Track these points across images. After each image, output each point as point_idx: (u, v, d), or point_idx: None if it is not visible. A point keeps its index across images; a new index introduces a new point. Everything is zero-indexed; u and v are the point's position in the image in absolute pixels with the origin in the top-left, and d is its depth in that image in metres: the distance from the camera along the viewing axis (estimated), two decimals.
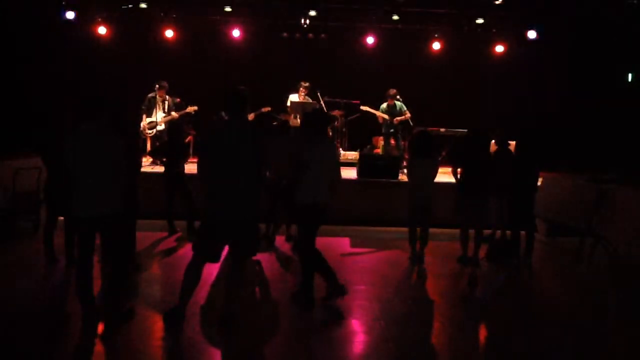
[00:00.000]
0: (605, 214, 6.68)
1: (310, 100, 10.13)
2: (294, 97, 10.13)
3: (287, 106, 10.19)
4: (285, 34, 11.52)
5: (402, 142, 10.05)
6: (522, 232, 6.64)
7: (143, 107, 9.71)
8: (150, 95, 9.74)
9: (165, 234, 7.40)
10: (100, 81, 10.75)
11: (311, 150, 4.83)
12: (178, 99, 10.17)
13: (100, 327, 4.26)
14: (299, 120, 9.57)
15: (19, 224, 7.13)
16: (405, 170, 8.41)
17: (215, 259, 4.33)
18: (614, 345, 4.50)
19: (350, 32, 11.56)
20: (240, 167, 4.11)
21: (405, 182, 7.37)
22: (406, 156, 9.37)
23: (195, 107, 9.85)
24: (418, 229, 6.47)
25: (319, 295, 4.92)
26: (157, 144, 9.46)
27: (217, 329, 4.31)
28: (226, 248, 4.36)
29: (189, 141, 10.14)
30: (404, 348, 4.26)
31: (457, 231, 6.60)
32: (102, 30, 11.14)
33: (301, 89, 10.02)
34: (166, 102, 9.75)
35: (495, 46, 11.81)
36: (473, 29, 11.37)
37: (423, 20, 11.22)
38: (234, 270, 4.39)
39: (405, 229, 6.59)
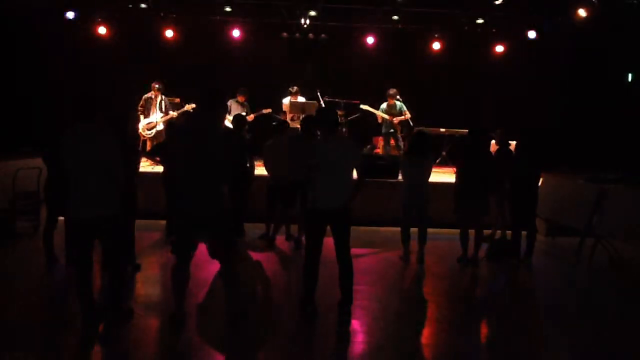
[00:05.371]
0: (605, 214, 6.67)
1: (307, 101, 10.16)
2: (286, 100, 10.18)
3: (282, 109, 10.22)
4: (285, 34, 11.52)
5: (402, 142, 10.05)
6: (523, 232, 6.64)
7: (140, 108, 9.70)
8: (146, 95, 9.72)
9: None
10: (99, 81, 10.75)
11: (321, 151, 4.64)
12: (177, 99, 10.17)
13: (100, 327, 4.26)
14: (297, 122, 9.59)
15: (19, 224, 7.13)
16: None
17: (189, 256, 4.27)
18: (614, 346, 4.50)
19: (350, 32, 11.56)
20: (206, 164, 4.06)
21: None
22: None
23: (194, 105, 9.83)
24: (412, 229, 6.47)
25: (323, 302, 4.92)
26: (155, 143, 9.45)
27: (224, 329, 4.31)
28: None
29: None
30: (404, 348, 4.26)
31: (457, 231, 6.61)
32: (102, 30, 11.15)
33: (292, 94, 10.10)
34: (163, 102, 9.73)
35: (495, 46, 11.82)
36: (473, 29, 11.38)
37: (423, 20, 11.22)
38: (225, 271, 4.37)
39: None
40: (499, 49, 11.82)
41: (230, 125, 7.92)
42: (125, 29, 11.26)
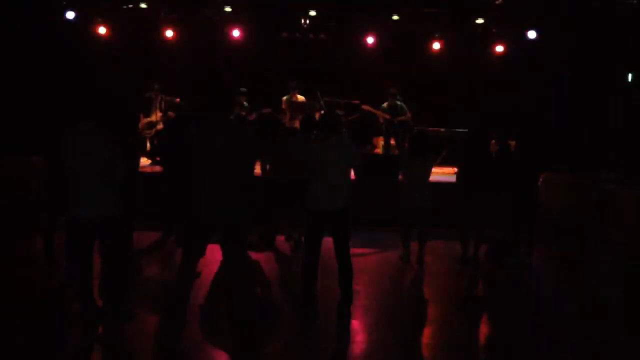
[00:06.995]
0: (605, 214, 6.68)
1: (304, 99, 10.16)
2: (285, 99, 10.18)
3: (282, 107, 10.22)
4: (285, 34, 11.53)
5: (403, 142, 10.04)
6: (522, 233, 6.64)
7: (140, 107, 9.68)
8: (147, 95, 9.72)
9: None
10: (99, 81, 10.75)
11: (321, 152, 4.63)
12: (177, 99, 10.17)
13: (100, 328, 4.26)
14: (297, 121, 9.59)
15: (19, 224, 7.13)
16: None
17: (201, 253, 4.27)
18: (614, 346, 4.50)
19: (350, 32, 11.56)
20: (228, 164, 4.01)
21: None
22: None
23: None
24: (412, 229, 6.47)
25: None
26: (155, 143, 9.46)
27: (224, 329, 4.31)
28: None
29: None
30: (404, 348, 4.26)
31: (457, 231, 6.60)
32: (102, 30, 11.13)
33: (291, 90, 10.08)
34: (163, 102, 9.73)
35: (495, 46, 11.81)
36: (473, 29, 11.38)
37: (423, 20, 11.22)
38: (233, 270, 4.36)
39: None
40: (499, 49, 11.82)
41: None
42: (125, 29, 11.26)
